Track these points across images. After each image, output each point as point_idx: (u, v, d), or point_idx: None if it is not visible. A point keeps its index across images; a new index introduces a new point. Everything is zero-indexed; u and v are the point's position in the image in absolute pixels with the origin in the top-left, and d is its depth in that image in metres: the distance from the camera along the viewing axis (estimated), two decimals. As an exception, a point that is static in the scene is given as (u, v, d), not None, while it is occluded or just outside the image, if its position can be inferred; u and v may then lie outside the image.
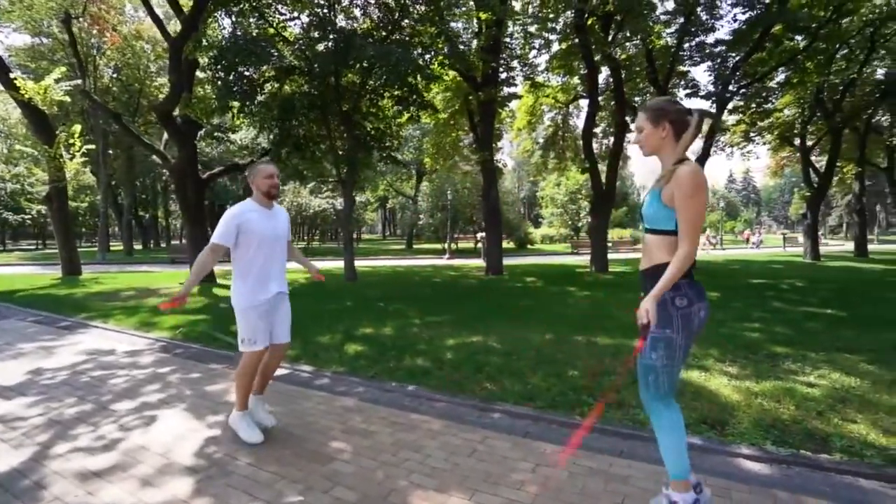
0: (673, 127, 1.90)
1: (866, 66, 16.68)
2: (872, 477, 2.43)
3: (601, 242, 14.83)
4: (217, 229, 2.73)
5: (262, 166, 2.90)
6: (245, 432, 2.79)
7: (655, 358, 1.90)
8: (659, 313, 1.85)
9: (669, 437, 1.94)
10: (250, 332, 2.77)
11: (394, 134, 12.67)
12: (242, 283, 2.78)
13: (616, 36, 13.99)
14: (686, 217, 1.80)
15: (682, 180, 1.80)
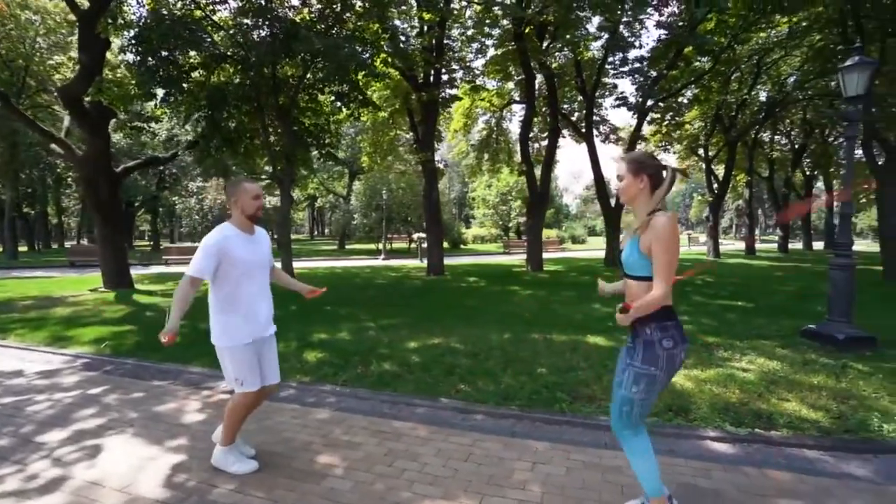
0: (650, 180, 2.03)
1: (753, 90, 19.15)
2: (814, 447, 2.80)
3: (537, 242, 15.50)
4: (195, 260, 2.38)
5: (247, 185, 2.54)
6: (237, 466, 2.50)
7: (636, 392, 2.00)
8: (646, 353, 1.97)
9: (641, 461, 2.05)
10: (243, 373, 2.46)
11: (332, 131, 12.23)
12: (228, 318, 2.45)
13: (549, 46, 14.69)
14: (661, 262, 1.91)
15: (658, 231, 1.91)
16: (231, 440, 2.56)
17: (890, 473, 2.53)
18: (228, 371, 2.48)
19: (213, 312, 2.48)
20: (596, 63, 16.67)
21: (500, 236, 39.09)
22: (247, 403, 2.52)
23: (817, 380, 3.88)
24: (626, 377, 2.02)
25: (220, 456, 2.54)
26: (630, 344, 2.11)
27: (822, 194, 30.10)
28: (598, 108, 18.08)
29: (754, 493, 2.29)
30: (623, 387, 2.03)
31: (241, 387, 2.47)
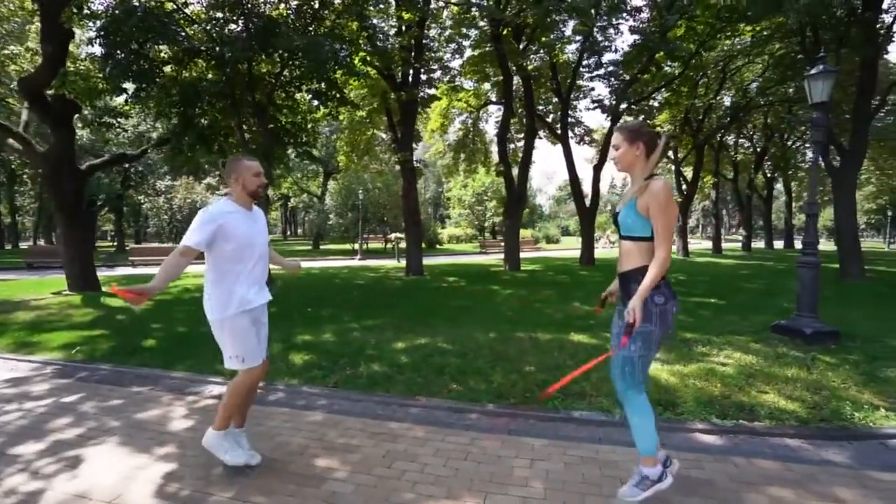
0: (645, 147, 2.12)
1: (719, 95, 19.96)
2: (795, 436, 2.94)
3: (515, 242, 15.66)
4: (191, 231, 2.33)
5: (248, 161, 2.53)
6: (230, 454, 2.43)
7: (634, 350, 2.09)
8: (640, 310, 2.04)
9: (641, 419, 2.14)
10: (244, 347, 2.42)
11: (309, 129, 12.02)
12: (223, 291, 2.41)
13: (526, 48, 14.87)
14: (661, 224, 2.02)
15: (656, 193, 2.02)
16: (227, 424, 2.49)
17: (865, 458, 2.69)
18: (228, 347, 2.44)
19: (209, 286, 2.44)
20: (571, 66, 17.01)
21: (476, 236, 39.35)
22: (251, 382, 2.48)
23: (791, 372, 4.08)
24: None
25: (213, 440, 2.46)
26: (621, 306, 2.19)
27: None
28: (572, 109, 18.44)
29: (745, 482, 2.39)
30: (622, 347, 2.09)
31: (242, 364, 2.43)
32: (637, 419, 2.15)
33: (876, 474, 2.51)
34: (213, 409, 3.34)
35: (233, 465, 2.45)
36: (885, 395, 3.59)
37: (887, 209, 37.34)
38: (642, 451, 2.16)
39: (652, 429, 2.14)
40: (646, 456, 2.16)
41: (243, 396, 2.50)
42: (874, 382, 3.87)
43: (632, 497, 2.13)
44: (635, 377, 2.13)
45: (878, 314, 7.02)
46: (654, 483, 2.14)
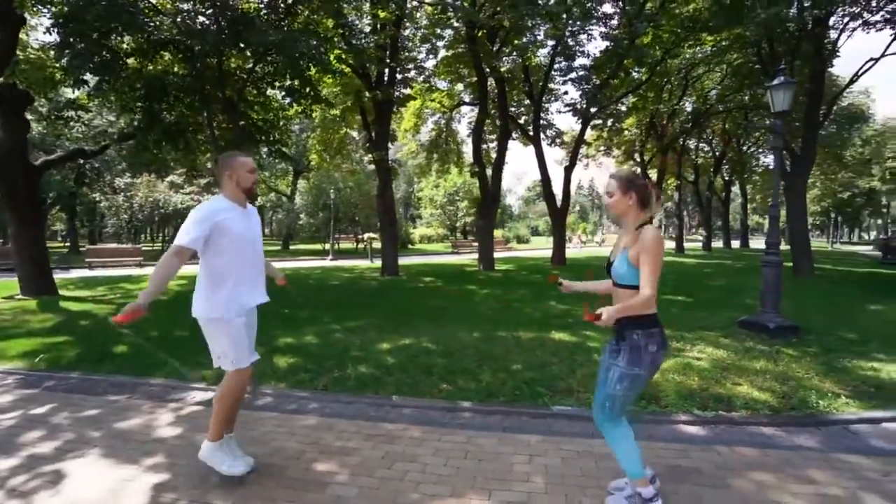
0: (637, 196, 2.21)
1: (681, 101, 20.86)
2: (769, 425, 3.14)
3: (489, 242, 15.82)
4: (185, 230, 2.25)
5: (242, 158, 2.47)
6: (228, 464, 2.37)
7: (618, 389, 2.15)
8: (632, 355, 2.12)
9: (622, 446, 2.20)
10: (235, 348, 2.36)
11: (281, 127, 11.75)
12: (217, 291, 2.35)
13: (499, 50, 15.06)
14: (648, 270, 2.08)
15: (646, 243, 2.08)
16: (221, 433, 2.43)
17: (831, 443, 2.90)
18: (219, 347, 2.38)
19: (204, 287, 2.38)
20: (543, 69, 17.36)
21: (447, 236, 39.49)
22: (241, 384, 2.43)
23: (759, 365, 4.33)
24: (610, 376, 2.15)
25: (209, 452, 2.39)
26: (614, 346, 2.24)
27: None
28: (544, 112, 18.81)
29: (730, 469, 2.54)
30: (607, 385, 2.16)
31: (231, 365, 2.38)
32: (618, 447, 2.19)
33: (842, 456, 2.72)
34: (199, 416, 3.24)
35: (231, 476, 2.38)
36: (843, 383, 3.88)
37: (830, 211, 40.03)
38: (630, 476, 2.20)
39: (634, 453, 2.17)
40: (635, 479, 2.21)
41: (235, 399, 2.45)
42: (833, 372, 4.16)
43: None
44: (614, 412, 2.18)
45: (829, 309, 7.54)
46: (647, 502, 2.20)
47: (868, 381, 3.97)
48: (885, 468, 2.58)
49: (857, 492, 2.34)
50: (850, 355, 4.75)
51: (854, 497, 2.29)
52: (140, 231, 25.88)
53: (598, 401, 2.23)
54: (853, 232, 56.51)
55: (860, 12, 11.76)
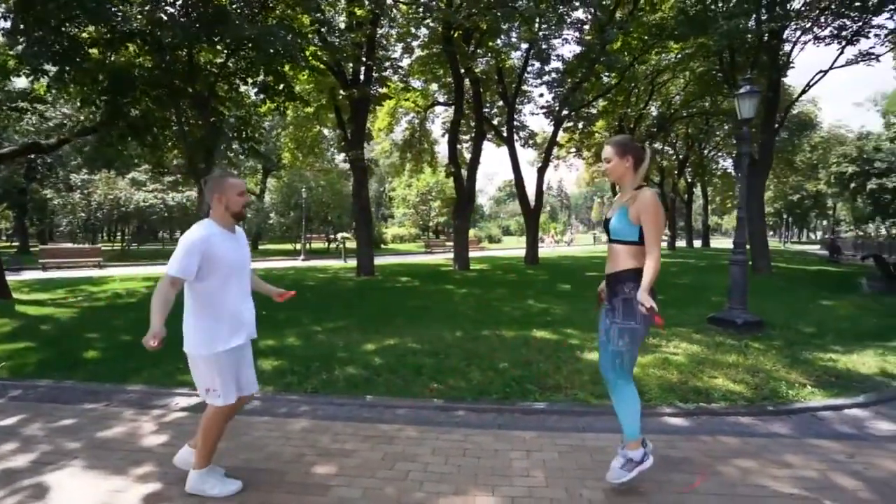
0: (634, 159, 2.33)
1: (648, 106, 21.64)
2: (746, 414, 3.33)
3: (464, 242, 15.92)
4: (176, 259, 2.16)
5: (232, 180, 2.36)
6: (219, 488, 2.30)
7: (622, 344, 2.28)
8: (625, 308, 2.25)
9: (629, 406, 2.34)
10: (220, 384, 2.27)
11: (254, 124, 11.44)
12: (208, 324, 2.25)
13: (474, 52, 15.18)
14: (651, 230, 2.22)
15: (647, 203, 2.22)
16: (208, 461, 2.35)
17: (803, 429, 3.11)
18: (207, 382, 2.28)
19: (192, 317, 2.27)
20: (516, 71, 17.61)
21: (419, 235, 39.44)
22: (224, 416, 2.35)
23: (731, 358, 4.58)
24: (612, 334, 2.29)
25: (197, 481, 2.31)
26: (608, 305, 2.38)
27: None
28: (518, 113, 19.07)
29: (716, 457, 2.68)
30: (611, 343, 2.30)
31: (219, 400, 2.29)
32: (625, 406, 2.33)
33: (812, 441, 2.92)
34: (186, 423, 3.15)
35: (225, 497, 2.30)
36: (807, 374, 4.15)
37: (783, 212, 42.44)
38: (628, 436, 2.35)
39: (637, 415, 2.34)
40: (631, 440, 2.34)
41: (219, 432, 2.36)
42: (797, 364, 4.45)
43: (619, 478, 2.31)
44: (624, 368, 2.32)
45: (787, 304, 8.02)
46: (638, 464, 2.32)
47: (828, 371, 4.27)
48: (849, 451, 2.79)
49: (828, 473, 2.52)
50: (811, 348, 5.09)
51: (825, 478, 2.47)
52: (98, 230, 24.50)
53: (607, 361, 2.34)
54: (802, 232, 60.11)
55: (811, 27, 12.56)
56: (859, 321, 6.82)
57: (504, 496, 2.28)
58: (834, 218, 45.23)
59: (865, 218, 37.36)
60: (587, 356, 4.69)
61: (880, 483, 2.43)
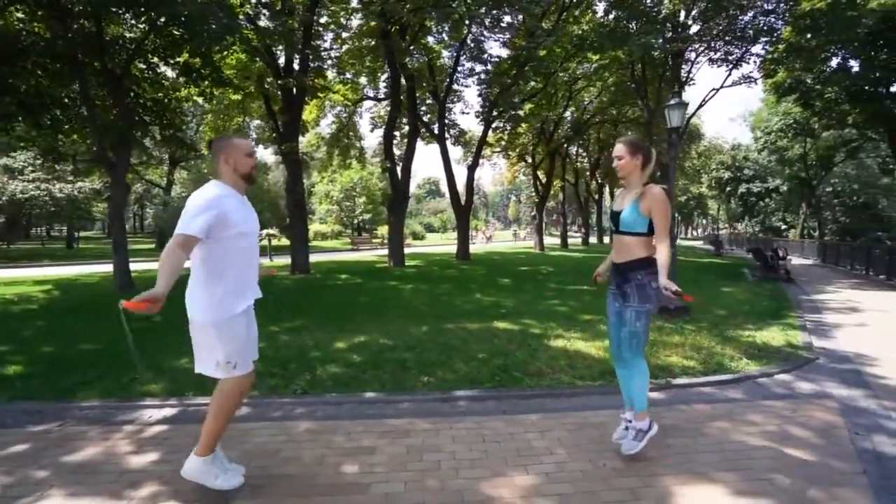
0: (643, 158, 2.60)
1: (565, 111, 23.23)
2: (706, 385, 3.83)
3: (398, 239, 15.87)
4: (189, 217, 1.99)
5: (239, 141, 2.25)
6: (221, 478, 2.15)
7: (639, 325, 2.57)
8: (640, 293, 2.53)
9: (643, 380, 2.64)
10: (236, 352, 2.14)
11: (173, 109, 10.36)
12: (216, 287, 2.11)
13: (409, 47, 15.15)
14: (661, 224, 2.51)
15: (657, 198, 2.50)
16: (213, 447, 2.20)
17: (752, 393, 3.67)
18: (216, 353, 2.13)
19: (199, 283, 2.13)
20: (447, 70, 17.90)
21: (341, 232, 38.36)
22: (241, 389, 2.23)
23: (676, 339, 5.18)
24: (627, 317, 2.53)
25: (198, 467, 2.16)
26: (615, 290, 2.65)
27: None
28: (448, 112, 19.39)
29: (696, 422, 3.07)
30: (627, 324, 2.54)
31: (234, 370, 2.16)
32: (640, 381, 2.60)
33: (762, 402, 3.46)
34: (171, 437, 2.86)
35: (227, 490, 2.18)
36: (738, 349, 4.85)
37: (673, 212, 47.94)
38: (638, 408, 2.63)
39: (647, 388, 2.63)
40: (640, 412, 2.62)
41: (231, 411, 2.24)
42: (727, 341, 5.17)
43: (633, 449, 2.57)
44: (640, 346, 2.59)
45: (699, 292, 9.14)
46: (647, 432, 2.61)
47: (752, 345, 5.02)
48: (791, 407, 3.36)
49: (783, 426, 3.02)
50: (731, 327, 5.93)
51: (783, 430, 2.96)
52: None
53: (622, 342, 2.57)
54: (687, 229, 68.60)
55: (705, 50, 14.42)
56: (756, 304, 8.04)
57: (539, 473, 2.42)
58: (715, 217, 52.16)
59: (737, 217, 43.73)
60: (555, 343, 5.01)
61: (821, 430, 2.98)
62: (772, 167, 30.79)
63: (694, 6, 12.89)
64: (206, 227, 2.01)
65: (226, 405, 2.17)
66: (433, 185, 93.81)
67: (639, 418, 2.61)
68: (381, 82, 19.16)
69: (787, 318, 6.72)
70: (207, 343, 2.14)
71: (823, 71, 17.06)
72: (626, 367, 2.63)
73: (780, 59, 14.05)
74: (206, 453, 2.17)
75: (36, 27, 8.00)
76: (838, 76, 17.44)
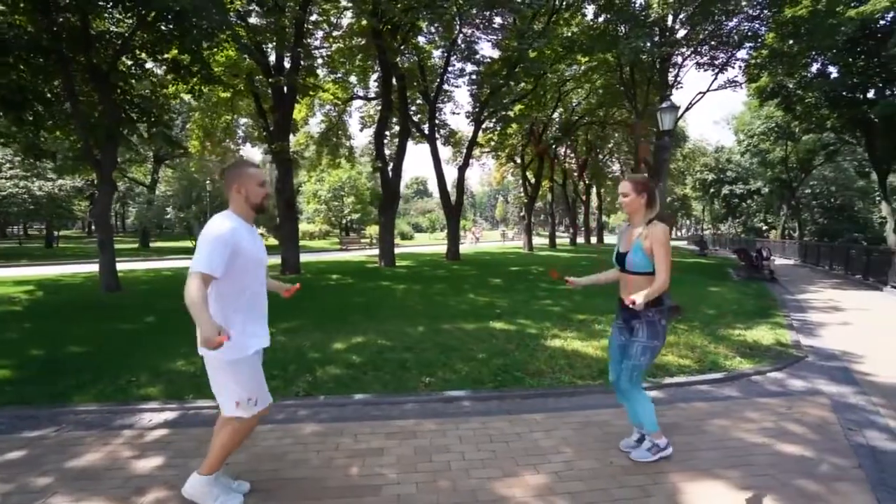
0: (647, 196, 2.64)
1: (554, 112, 23.43)
2: (702, 383, 3.91)
3: (389, 239, 15.82)
4: (205, 254, 1.93)
5: (252, 169, 2.19)
6: (221, 499, 2.12)
7: (643, 360, 2.58)
8: (649, 330, 2.54)
9: (644, 407, 2.64)
10: (252, 389, 2.11)
11: (162, 105, 10.17)
12: (238, 326, 2.06)
13: (401, 47, 15.12)
14: (662, 260, 2.52)
15: (658, 236, 2.50)
16: (217, 468, 2.17)
17: (747, 390, 3.76)
18: (233, 391, 2.09)
19: (219, 322, 2.04)
20: (438, 70, 17.90)
21: (329, 232, 38.07)
22: (252, 425, 2.21)
23: (670, 339, 5.26)
24: (633, 351, 2.55)
25: (200, 486, 2.12)
26: (622, 325, 2.67)
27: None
28: (439, 112, 19.39)
29: (696, 420, 3.14)
30: (632, 358, 2.55)
31: (255, 407, 2.14)
32: (642, 408, 2.60)
33: (757, 399, 3.55)
34: (174, 440, 2.82)
35: None
36: (730, 347, 4.96)
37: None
38: (648, 430, 2.63)
39: (652, 411, 2.61)
40: (653, 432, 2.65)
41: (237, 444, 2.22)
42: (719, 340, 5.28)
43: (644, 458, 2.60)
44: (639, 379, 2.60)
45: (688, 291, 9.33)
46: (662, 450, 2.63)
47: (743, 344, 5.14)
48: (786, 404, 3.45)
49: (779, 423, 3.10)
50: (721, 326, 6.05)
51: (779, 427, 3.04)
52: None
53: (622, 373, 2.59)
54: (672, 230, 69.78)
55: (692, 54, 14.69)
56: (743, 303, 8.22)
57: (549, 472, 2.45)
58: (700, 218, 53.07)
59: (720, 218, 44.61)
60: (552, 343, 5.06)
61: (815, 426, 3.07)
62: (754, 169, 31.53)
63: (681, 11, 13.12)
64: (222, 264, 1.97)
65: (242, 432, 2.15)
66: (421, 185, 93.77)
67: (655, 437, 2.63)
68: (371, 81, 19.11)
69: (775, 318, 6.89)
70: (225, 383, 2.09)
71: (804, 76, 17.55)
72: (625, 398, 2.66)
73: (763, 63, 14.37)
74: (209, 472, 2.14)
75: (18, 20, 7.78)
76: (818, 81, 17.98)
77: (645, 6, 13.45)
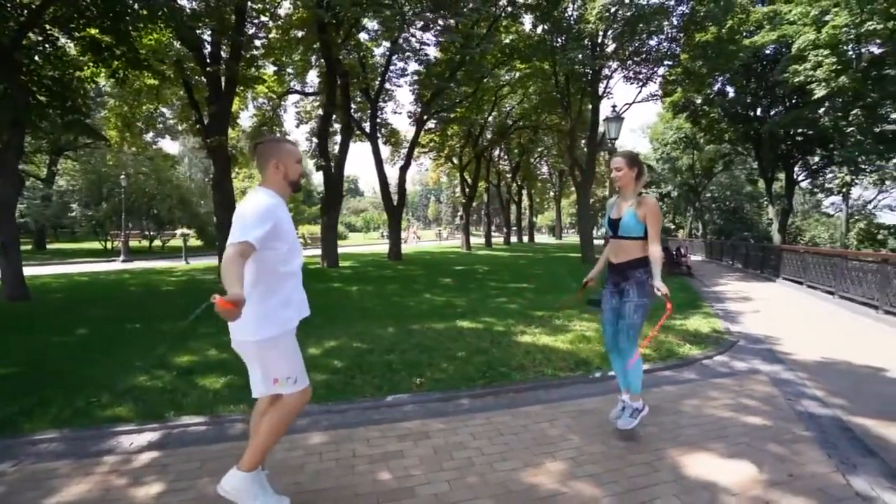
0: (639, 170, 2.95)
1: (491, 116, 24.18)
2: (665, 369, 4.34)
3: (332, 239, 15.39)
4: (248, 225, 1.86)
5: (291, 147, 2.14)
6: (262, 500, 2.03)
7: (637, 318, 2.91)
8: (640, 289, 2.87)
9: (638, 366, 2.98)
10: (293, 367, 2.07)
11: (77, 89, 9.05)
12: (269, 302, 2.00)
13: (344, 42, 14.75)
14: (655, 229, 2.87)
15: (653, 206, 2.85)
16: (259, 463, 2.09)
17: (703, 374, 4.25)
18: (278, 369, 2.04)
19: (253, 299, 1.94)
20: (378, 69, 17.71)
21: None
22: (302, 403, 2.16)
23: (625, 330, 5.75)
24: (626, 310, 2.85)
25: (241, 483, 2.02)
26: (613, 288, 2.97)
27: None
28: (380, 111, 19.18)
29: (672, 401, 3.51)
30: (626, 317, 2.86)
31: (294, 385, 2.08)
32: (636, 367, 2.92)
33: (714, 380, 4.04)
34: (172, 463, 2.61)
35: None
36: (678, 336, 5.51)
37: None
38: (634, 391, 2.95)
39: (641, 373, 2.96)
40: (635, 394, 2.95)
41: (286, 426, 2.16)
42: (665, 330, 5.84)
43: (629, 425, 2.89)
44: (636, 337, 2.91)
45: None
46: (640, 412, 2.95)
47: (687, 333, 5.75)
48: (737, 383, 3.96)
49: (737, 399, 3.57)
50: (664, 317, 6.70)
51: (738, 402, 3.50)
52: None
53: (620, 333, 2.87)
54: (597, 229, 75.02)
55: (619, 68, 15.95)
56: (674, 296, 9.06)
57: (565, 458, 2.63)
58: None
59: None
60: (523, 339, 5.30)
61: (764, 399, 3.57)
62: (665, 175, 34.87)
63: (610, 28, 14.20)
64: (264, 237, 1.90)
65: (286, 419, 2.09)
66: (352, 184, 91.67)
67: (634, 399, 2.94)
68: (308, 76, 18.42)
69: (703, 308, 7.75)
70: (265, 362, 2.01)
71: (708, 94, 19.78)
72: (622, 356, 2.94)
73: (678, 80, 16.00)
74: (250, 468, 2.04)
75: None
76: (719, 99, 20.39)
77: (578, 20, 14.36)
